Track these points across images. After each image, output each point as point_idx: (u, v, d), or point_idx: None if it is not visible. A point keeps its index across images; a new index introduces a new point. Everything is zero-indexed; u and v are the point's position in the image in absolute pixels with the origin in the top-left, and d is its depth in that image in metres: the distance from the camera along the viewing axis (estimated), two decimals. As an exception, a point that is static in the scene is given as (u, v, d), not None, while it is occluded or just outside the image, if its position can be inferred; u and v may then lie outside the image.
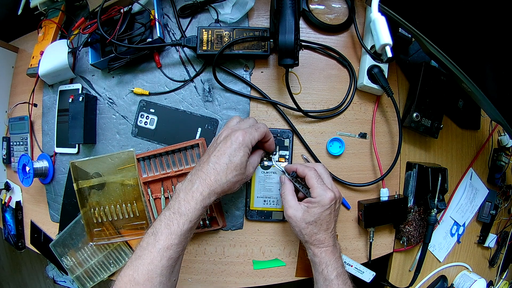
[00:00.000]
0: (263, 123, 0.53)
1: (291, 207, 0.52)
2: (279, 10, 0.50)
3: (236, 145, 0.46)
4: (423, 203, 0.62)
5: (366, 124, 0.63)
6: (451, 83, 0.63)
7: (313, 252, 0.51)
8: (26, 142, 0.72)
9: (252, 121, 0.53)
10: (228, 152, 0.45)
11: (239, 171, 0.46)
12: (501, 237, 0.77)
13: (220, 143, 0.47)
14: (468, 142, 0.73)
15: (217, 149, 0.46)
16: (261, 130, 0.50)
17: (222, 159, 0.45)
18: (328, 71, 0.63)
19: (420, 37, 0.50)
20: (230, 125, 0.52)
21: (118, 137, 0.64)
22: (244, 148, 0.46)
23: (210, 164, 0.45)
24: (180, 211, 0.44)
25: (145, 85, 0.64)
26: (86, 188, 0.63)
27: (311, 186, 0.51)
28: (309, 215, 0.50)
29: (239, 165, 0.46)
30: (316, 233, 0.50)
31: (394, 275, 0.66)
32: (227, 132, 0.48)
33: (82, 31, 0.60)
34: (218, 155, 0.46)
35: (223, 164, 0.45)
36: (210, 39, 0.59)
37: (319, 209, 0.49)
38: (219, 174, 0.45)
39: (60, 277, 1.26)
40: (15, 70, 0.79)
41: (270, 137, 0.54)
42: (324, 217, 0.50)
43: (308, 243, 0.51)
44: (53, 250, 0.67)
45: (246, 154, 0.47)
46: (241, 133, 0.46)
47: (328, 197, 0.49)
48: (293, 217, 0.51)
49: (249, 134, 0.47)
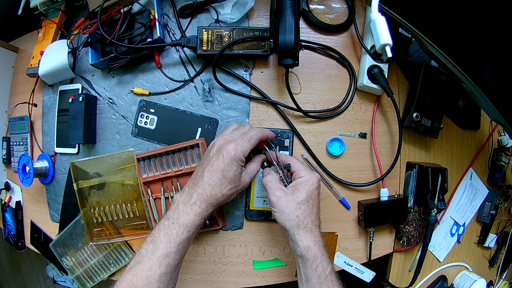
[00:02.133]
0: (257, 129, 0.51)
1: (278, 189, 0.49)
2: (279, 10, 0.50)
3: (228, 160, 0.46)
4: (423, 203, 0.62)
5: (366, 124, 0.63)
6: (451, 83, 0.63)
7: (306, 244, 0.46)
8: (26, 142, 0.72)
9: (247, 129, 0.51)
10: (221, 167, 0.46)
11: (233, 184, 0.47)
12: (501, 237, 0.77)
13: (213, 156, 0.47)
14: (468, 142, 0.73)
15: (210, 164, 0.47)
16: (254, 139, 0.49)
17: (216, 175, 0.46)
18: (328, 71, 0.63)
19: (420, 37, 0.50)
20: (225, 135, 0.51)
21: (118, 137, 0.64)
22: (237, 162, 0.47)
23: (204, 179, 0.46)
24: (179, 222, 0.45)
25: (145, 85, 0.64)
26: (86, 188, 0.63)
27: (297, 168, 0.51)
28: (300, 193, 0.48)
29: (233, 179, 0.47)
30: (308, 215, 0.48)
31: (394, 275, 0.66)
32: (220, 144, 0.48)
33: (82, 31, 0.60)
34: (211, 170, 0.46)
35: (217, 180, 0.46)
36: (210, 39, 0.59)
37: (310, 187, 0.48)
38: (214, 189, 0.46)
39: (60, 277, 1.26)
40: (15, 70, 0.79)
41: (266, 137, 0.53)
42: (314, 197, 0.49)
43: (300, 229, 0.47)
44: (53, 250, 0.67)
45: (239, 167, 0.47)
46: (233, 146, 0.46)
47: (316, 175, 0.50)
48: (281, 197, 0.48)
49: (241, 146, 0.47)
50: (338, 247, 0.63)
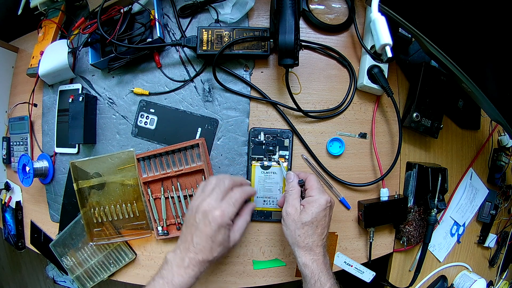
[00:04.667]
0: (239, 189, 0.50)
1: (292, 205, 0.51)
2: (279, 10, 0.50)
3: (215, 227, 0.46)
4: (423, 203, 0.62)
5: (366, 124, 0.63)
6: (451, 83, 0.63)
7: (304, 262, 0.49)
8: (26, 142, 0.72)
9: (228, 185, 0.50)
10: (209, 233, 0.47)
11: (223, 245, 0.48)
12: (501, 237, 0.77)
13: (200, 222, 0.47)
14: (468, 142, 0.73)
15: (199, 230, 0.47)
16: (238, 202, 0.50)
17: (205, 241, 0.47)
18: (328, 71, 0.63)
19: (420, 37, 0.50)
20: (206, 194, 0.49)
21: (118, 137, 0.64)
22: (224, 227, 0.47)
23: (194, 245, 0.47)
24: (174, 282, 0.46)
25: (145, 85, 0.64)
26: (86, 188, 0.63)
27: (310, 186, 0.52)
28: (306, 214, 0.50)
29: (222, 242, 0.47)
30: (310, 236, 0.49)
31: (394, 275, 0.66)
32: (205, 209, 0.47)
33: (82, 31, 0.60)
34: (200, 236, 0.47)
35: (207, 246, 0.47)
36: (210, 39, 0.59)
37: (317, 209, 0.50)
38: (206, 254, 0.47)
39: (60, 277, 1.26)
40: (15, 70, 0.79)
41: (249, 196, 0.54)
42: (320, 218, 0.50)
43: (299, 248, 0.50)
44: (53, 250, 0.67)
45: (227, 231, 0.48)
46: (219, 213, 0.46)
47: (325, 197, 0.51)
48: (291, 214, 0.51)
49: (227, 212, 0.47)
50: (338, 247, 0.63)
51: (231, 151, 0.62)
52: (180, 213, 0.61)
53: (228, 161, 0.62)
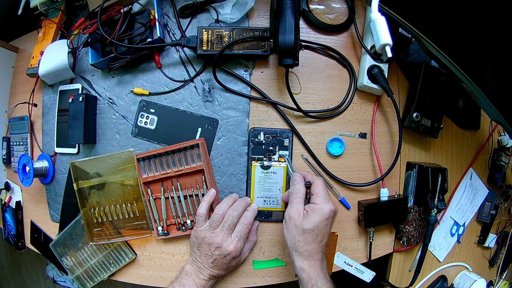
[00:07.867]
0: (244, 222, 0.57)
1: (296, 209, 0.51)
2: (279, 10, 0.50)
3: (229, 258, 0.55)
4: (423, 203, 0.62)
5: (366, 124, 0.63)
6: (451, 83, 0.63)
7: (301, 267, 0.49)
8: (26, 142, 0.72)
9: (234, 218, 0.56)
10: (225, 263, 0.56)
11: (235, 261, 0.57)
12: (501, 237, 0.77)
13: (215, 254, 0.55)
14: (468, 142, 0.73)
15: (216, 260, 0.55)
16: (247, 233, 0.57)
17: (220, 267, 0.56)
18: (328, 71, 0.63)
19: (420, 37, 0.50)
20: (216, 230, 0.56)
21: (118, 137, 0.64)
22: (237, 258, 0.56)
23: (212, 268, 0.56)
24: (197, 284, 0.55)
25: (145, 85, 0.64)
26: (86, 188, 0.63)
27: (316, 192, 0.51)
28: (308, 222, 0.49)
29: (235, 265, 0.58)
30: (309, 243, 0.49)
31: (394, 275, 0.66)
32: (217, 243, 0.54)
33: (82, 31, 0.60)
34: (217, 264, 0.55)
35: (222, 268, 0.56)
36: (210, 39, 0.59)
37: (319, 217, 0.49)
38: (221, 271, 0.56)
39: (60, 277, 1.26)
40: (15, 70, 0.79)
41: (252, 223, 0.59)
42: (321, 228, 0.49)
43: (297, 253, 0.50)
44: (53, 250, 0.67)
45: (239, 257, 0.57)
46: (233, 248, 0.55)
47: (329, 207, 0.50)
48: (294, 219, 0.50)
49: (238, 247, 0.55)
50: (338, 247, 0.63)
51: (231, 151, 0.62)
52: (180, 213, 0.61)
53: (228, 161, 0.62)
